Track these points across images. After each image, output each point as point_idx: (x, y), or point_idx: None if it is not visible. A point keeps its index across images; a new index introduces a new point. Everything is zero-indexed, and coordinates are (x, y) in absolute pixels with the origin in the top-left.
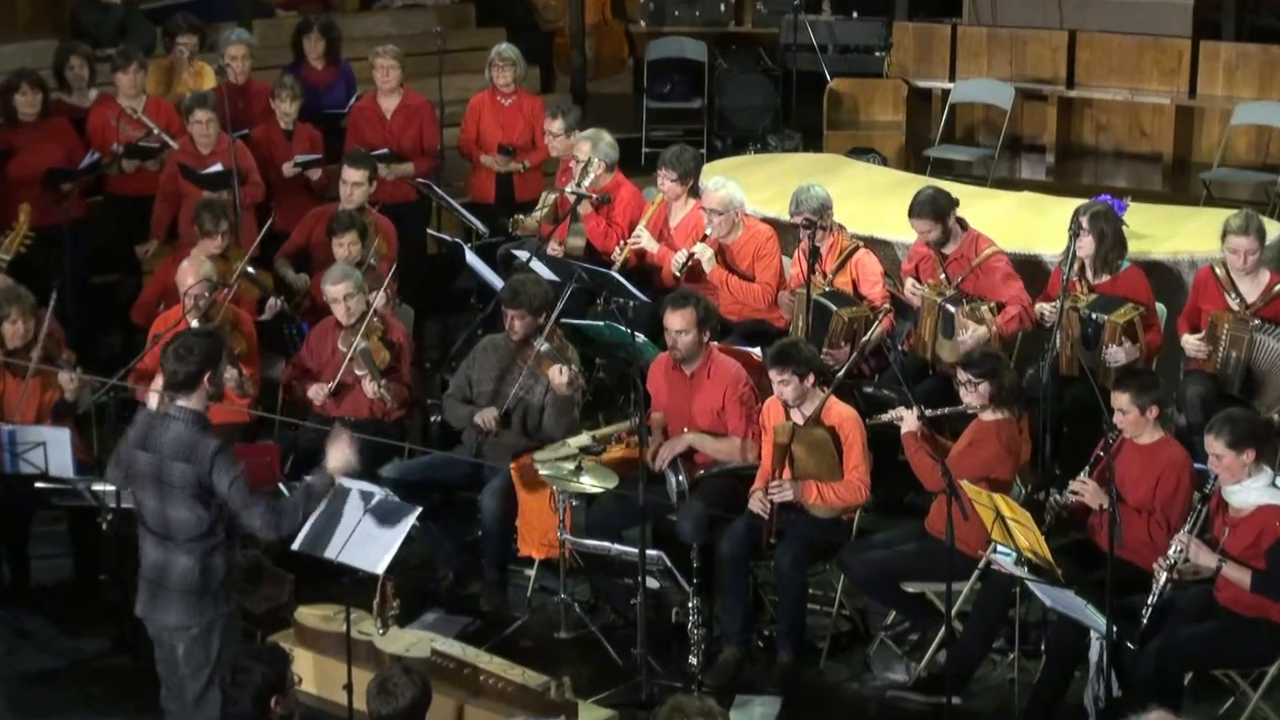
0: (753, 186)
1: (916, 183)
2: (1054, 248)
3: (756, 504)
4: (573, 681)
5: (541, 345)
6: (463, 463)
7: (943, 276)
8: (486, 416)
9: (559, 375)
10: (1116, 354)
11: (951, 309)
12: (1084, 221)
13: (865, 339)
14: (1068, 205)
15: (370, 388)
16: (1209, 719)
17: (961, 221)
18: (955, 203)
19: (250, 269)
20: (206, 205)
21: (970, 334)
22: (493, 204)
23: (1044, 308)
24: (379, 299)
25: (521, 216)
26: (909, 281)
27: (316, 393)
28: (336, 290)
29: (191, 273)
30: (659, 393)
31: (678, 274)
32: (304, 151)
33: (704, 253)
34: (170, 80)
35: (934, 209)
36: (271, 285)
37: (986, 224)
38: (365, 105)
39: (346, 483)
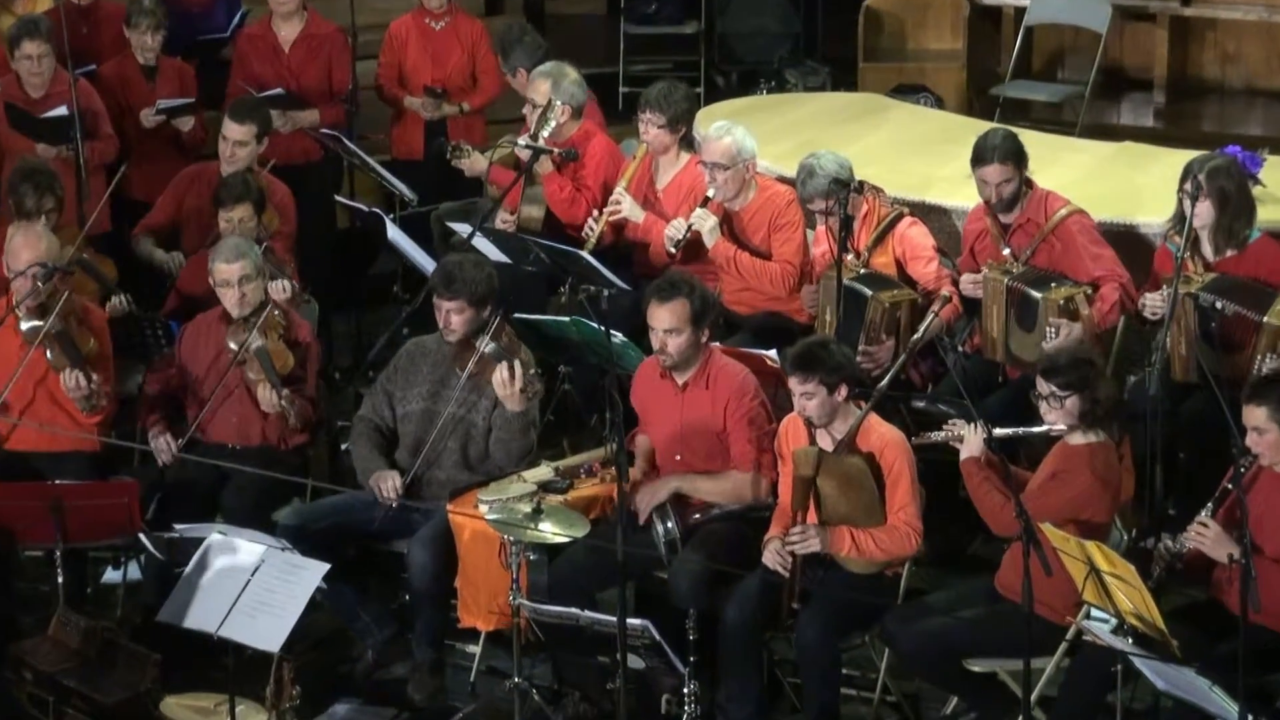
0: (765, 137)
1: (981, 130)
2: (1161, 215)
3: (772, 557)
4: None
5: (486, 347)
6: (386, 504)
7: (1006, 252)
8: (386, 484)
9: (509, 386)
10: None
11: (1034, 294)
12: (1202, 180)
13: (917, 336)
14: (1180, 159)
15: (268, 398)
16: None
17: (1028, 181)
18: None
19: (85, 255)
20: (28, 174)
21: (1062, 336)
22: (422, 162)
23: (1152, 297)
24: (281, 289)
25: (466, 146)
26: (966, 277)
27: (161, 450)
28: (230, 271)
29: (26, 249)
30: (643, 410)
31: (671, 251)
32: (170, 94)
33: (704, 222)
34: None
35: (1015, 151)
36: (114, 277)
37: (1073, 184)
38: (255, 33)
39: (228, 533)
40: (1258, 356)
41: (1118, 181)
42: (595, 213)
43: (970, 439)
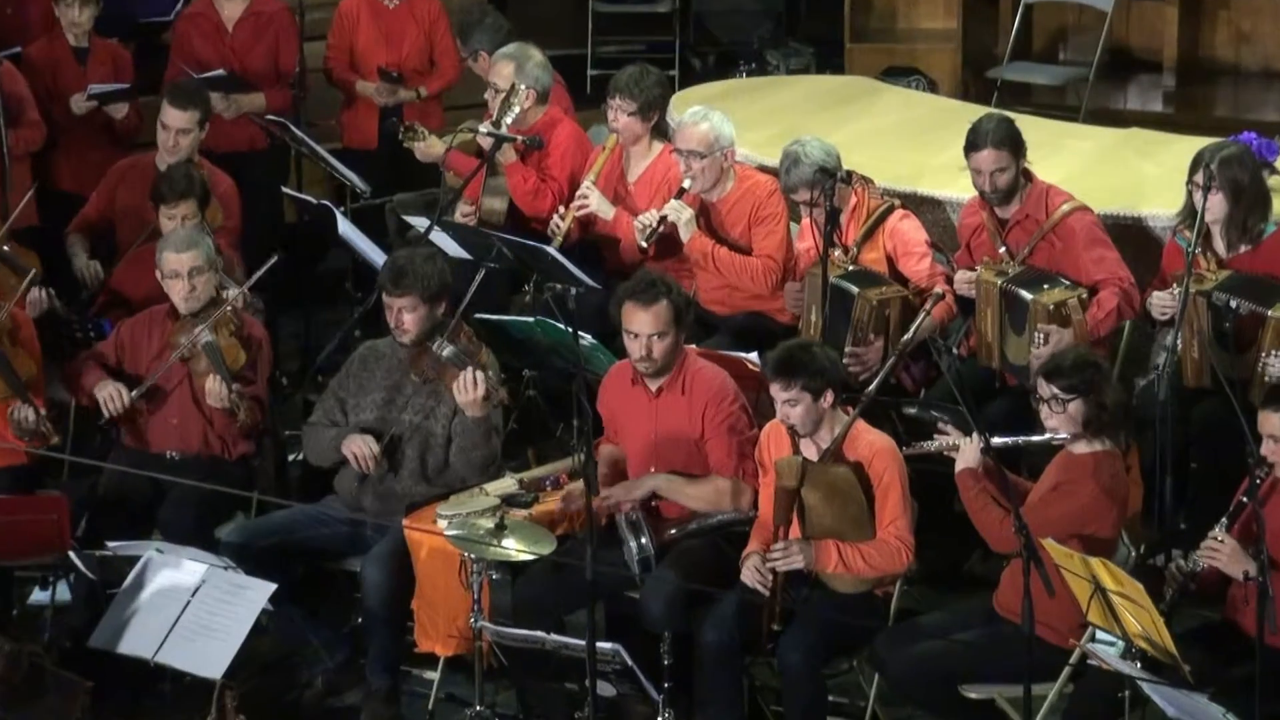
0: (745, 123)
1: (973, 114)
2: (1169, 207)
3: (752, 575)
4: None
5: (444, 350)
6: (336, 520)
7: (1002, 250)
8: (360, 447)
9: (470, 392)
10: (1275, 364)
11: (1025, 295)
12: (1214, 170)
13: (908, 337)
14: (1190, 146)
15: (216, 390)
16: None
17: (1027, 173)
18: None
19: (6, 248)
20: None
21: (1051, 344)
22: (375, 151)
23: (1160, 296)
24: (237, 293)
25: (420, 127)
26: (960, 275)
27: (112, 396)
28: (180, 261)
29: None
30: (614, 417)
31: (643, 246)
32: (103, 79)
33: (679, 214)
34: None
35: (1011, 137)
36: (38, 271)
37: (1076, 173)
38: (197, 11)
39: (166, 551)
40: (1262, 354)
41: (1124, 171)
42: (561, 207)
43: (966, 448)
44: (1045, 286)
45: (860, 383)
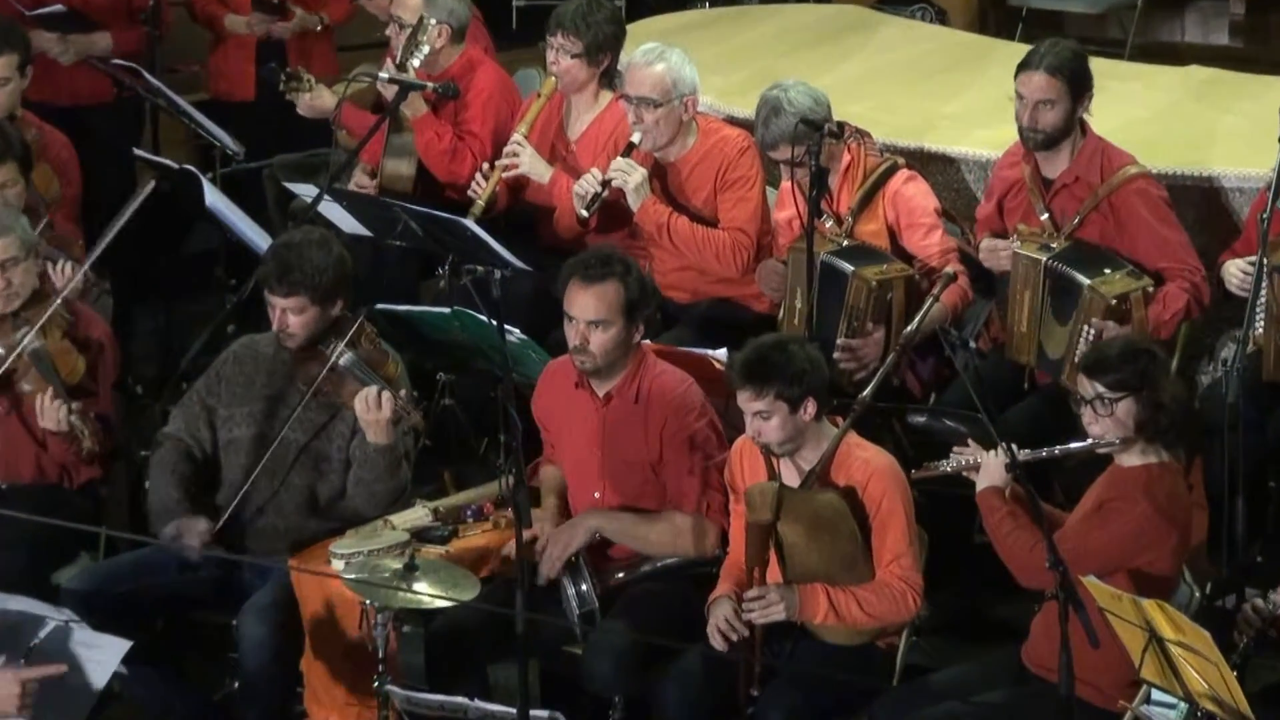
0: (710, 64)
1: (998, 53)
2: (1240, 164)
3: (721, 627)
4: None
5: (341, 357)
6: (206, 561)
7: (1044, 218)
8: (190, 536)
9: (371, 407)
10: None
11: (1079, 278)
12: None
13: (913, 327)
14: (1264, 89)
15: (53, 411)
16: None
17: (1081, 124)
18: None
19: None
20: None
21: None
22: (252, 103)
23: (1233, 268)
24: (63, 273)
25: (305, 75)
26: (986, 240)
27: None
28: None
29: None
30: (551, 430)
31: (582, 216)
32: None
33: (627, 177)
34: None
35: (1074, 69)
36: None
37: (1121, 124)
38: None
39: None
40: None
41: (1186, 121)
42: (485, 167)
43: (988, 465)
44: (1106, 271)
45: (854, 385)
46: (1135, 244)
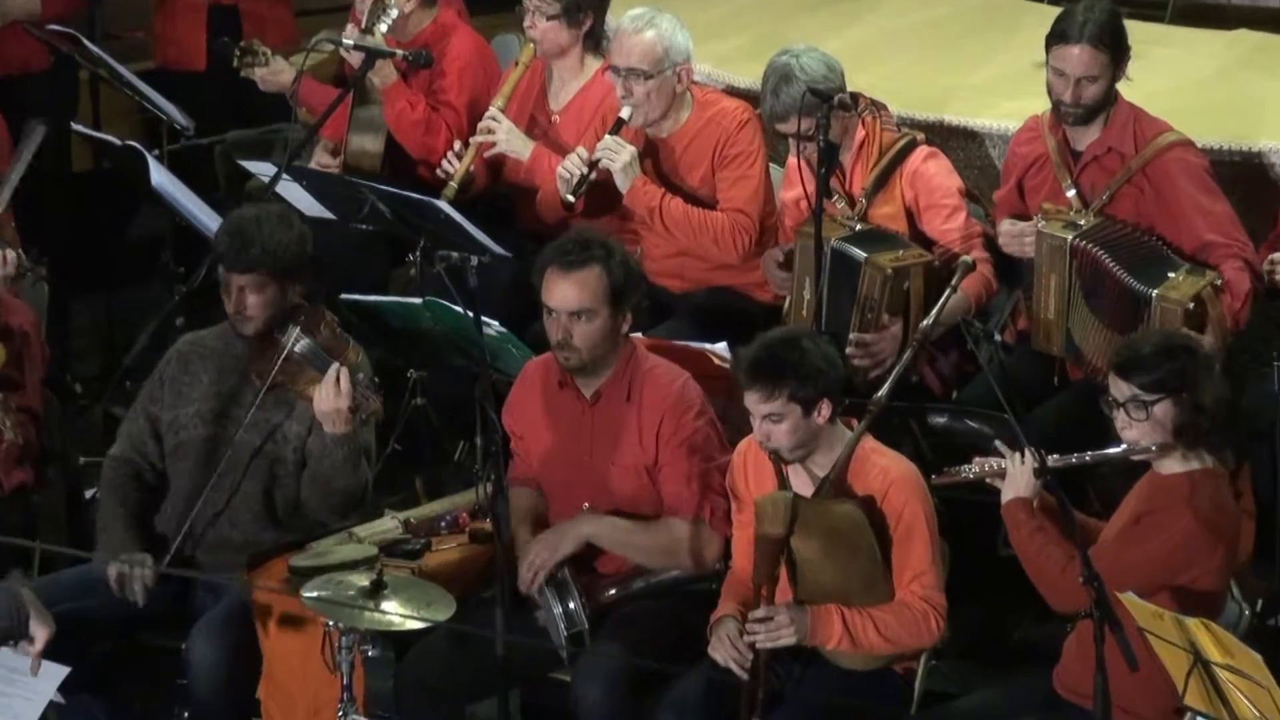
0: (706, 30)
1: (1027, 15)
2: None
3: (724, 650)
4: None
5: (297, 345)
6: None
7: (1071, 194)
8: (133, 580)
9: (331, 400)
10: None
11: (1140, 287)
12: None
13: (930, 319)
14: None
15: None
16: None
17: (1111, 94)
18: None
19: None
20: None
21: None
22: (204, 74)
23: None
24: None
25: (261, 48)
26: (1005, 223)
27: None
28: None
29: None
30: (533, 434)
31: (569, 200)
32: None
33: (615, 156)
34: None
35: (1115, 35)
36: None
37: (1163, 92)
38: None
39: None
40: None
41: (1231, 89)
42: (457, 145)
43: (1015, 472)
44: (1170, 274)
45: (869, 384)
46: (1175, 219)
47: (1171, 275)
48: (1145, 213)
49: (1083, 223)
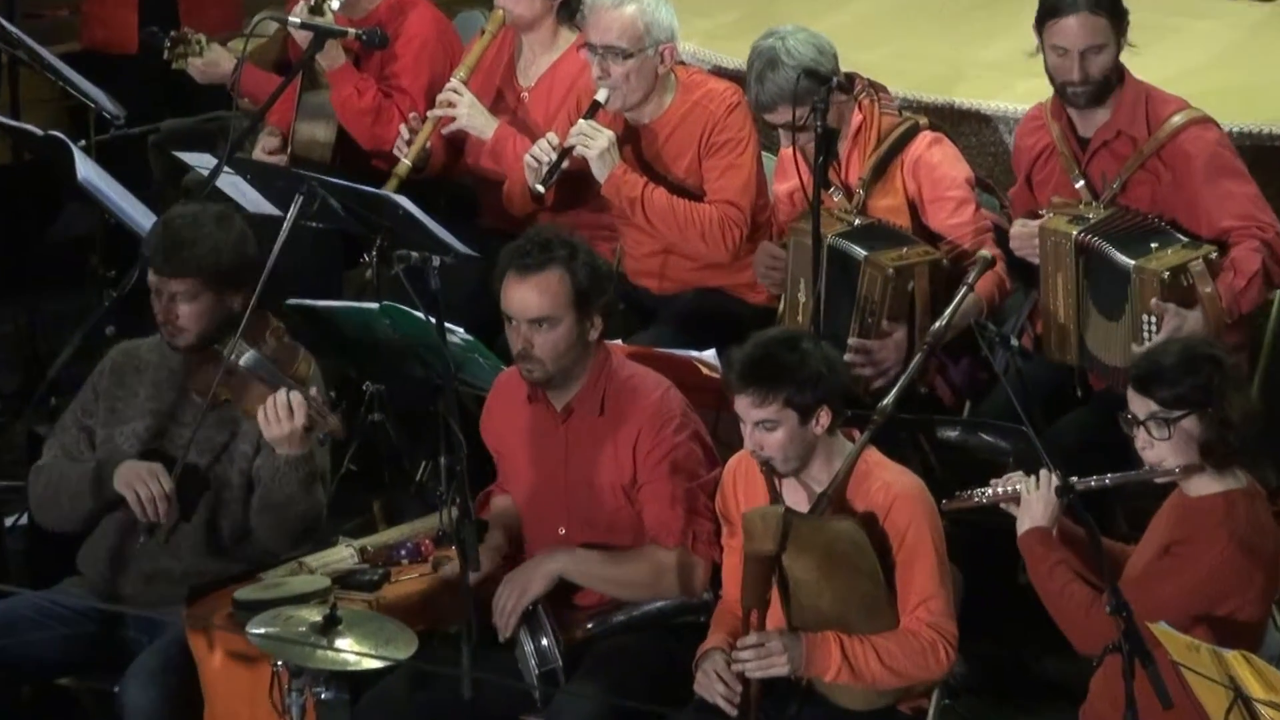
0: (692, 5)
1: None
2: None
3: (712, 684)
4: None
5: (241, 358)
6: (79, 615)
7: (1080, 185)
8: (145, 482)
9: (282, 422)
10: None
11: (1121, 259)
12: None
13: (942, 322)
14: None
15: None
16: None
17: (1118, 68)
18: None
19: None
20: None
21: (1167, 332)
22: (135, 57)
23: None
24: None
25: (196, 35)
26: (1017, 225)
27: None
28: None
29: None
30: (504, 453)
31: (538, 190)
32: None
33: (591, 142)
34: None
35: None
36: None
37: (1192, 70)
38: None
39: None
40: None
41: (1267, 65)
42: (412, 118)
43: (1030, 501)
44: (1152, 244)
45: (872, 393)
46: (1194, 205)
47: (1155, 245)
48: (1162, 200)
49: (1091, 216)
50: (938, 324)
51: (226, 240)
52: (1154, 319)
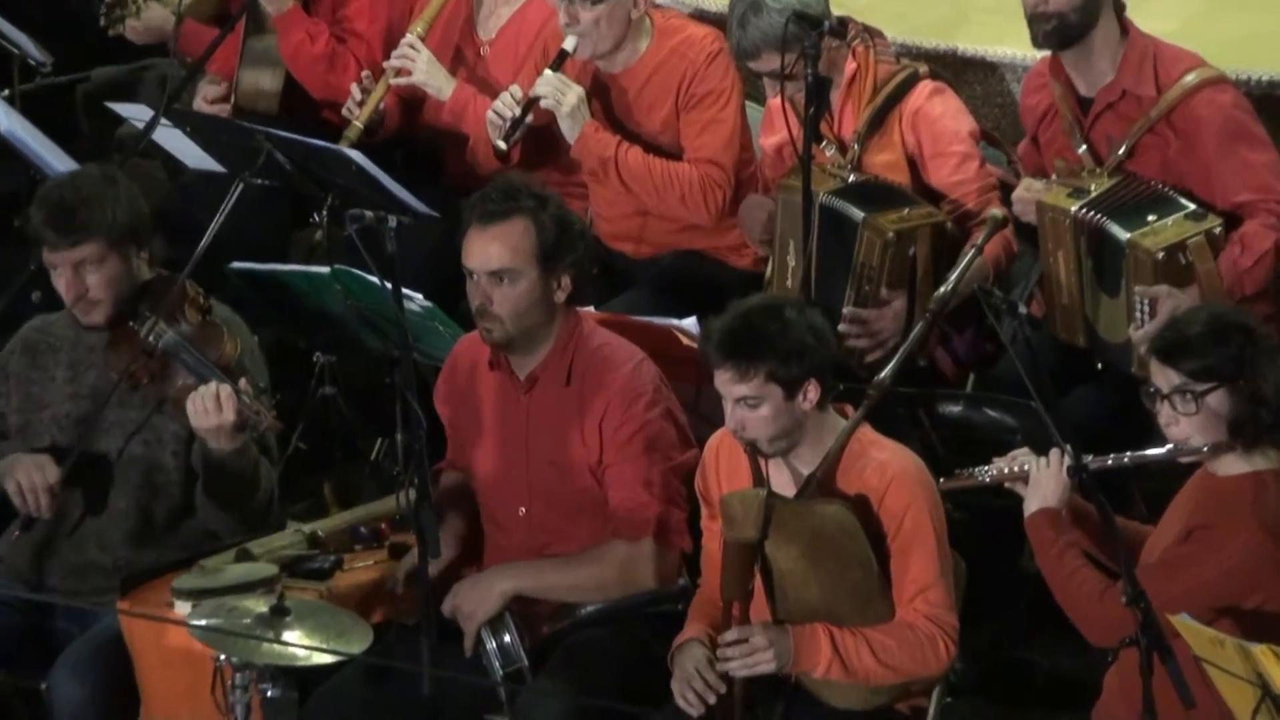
0: None
1: None
2: None
3: (690, 682)
4: None
5: (160, 338)
6: (3, 606)
7: (1082, 150)
8: (27, 476)
9: (210, 416)
10: None
11: (1115, 231)
12: None
13: (945, 289)
14: None
15: None
16: None
17: (1122, 22)
18: None
19: None
20: None
21: (1164, 315)
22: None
23: None
24: None
25: None
26: (1020, 186)
27: None
28: None
29: None
30: (464, 424)
31: (501, 148)
32: None
33: (559, 96)
34: None
35: None
36: None
37: (1198, 17)
38: None
39: None
40: None
41: (1273, 9)
42: (365, 75)
43: (1039, 479)
44: (1150, 217)
45: (867, 366)
46: (1207, 174)
47: (1153, 219)
48: (1173, 169)
49: (1093, 187)
50: (942, 289)
51: (119, 197)
52: (1146, 301)
